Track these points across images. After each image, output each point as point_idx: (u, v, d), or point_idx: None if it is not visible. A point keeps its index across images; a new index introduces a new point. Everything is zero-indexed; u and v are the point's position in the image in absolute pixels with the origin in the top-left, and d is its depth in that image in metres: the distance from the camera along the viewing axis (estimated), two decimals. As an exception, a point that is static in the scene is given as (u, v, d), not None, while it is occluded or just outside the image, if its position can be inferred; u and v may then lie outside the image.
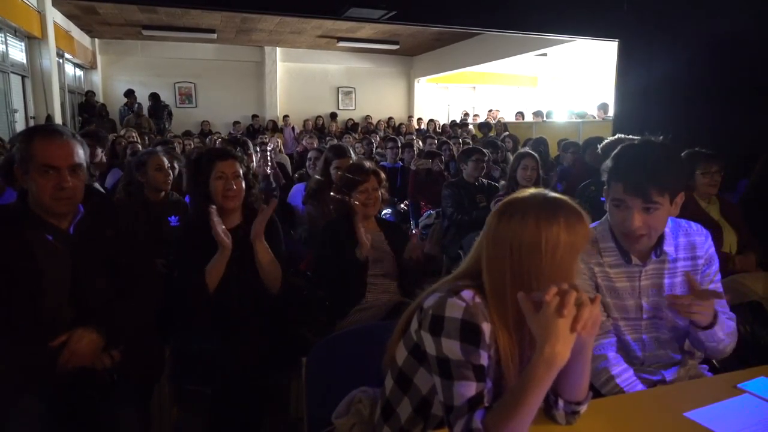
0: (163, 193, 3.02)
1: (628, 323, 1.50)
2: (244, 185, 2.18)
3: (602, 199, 3.46)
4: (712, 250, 1.55)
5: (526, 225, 1.02)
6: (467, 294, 1.05)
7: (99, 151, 4.05)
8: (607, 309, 1.49)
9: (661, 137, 1.55)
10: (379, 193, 2.43)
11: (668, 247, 1.49)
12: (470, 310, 1.03)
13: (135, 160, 3.05)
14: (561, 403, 1.10)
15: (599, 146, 3.46)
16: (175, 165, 3.43)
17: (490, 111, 12.86)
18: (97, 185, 3.49)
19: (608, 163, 1.48)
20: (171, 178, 3.09)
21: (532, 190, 1.10)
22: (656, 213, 1.38)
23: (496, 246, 1.06)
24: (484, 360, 1.03)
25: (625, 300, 1.49)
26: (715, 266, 1.55)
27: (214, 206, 2.00)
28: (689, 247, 1.52)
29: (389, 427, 1.17)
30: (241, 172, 2.17)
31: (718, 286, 1.54)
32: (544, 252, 1.00)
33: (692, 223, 1.56)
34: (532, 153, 3.64)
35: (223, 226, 2.00)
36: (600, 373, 1.43)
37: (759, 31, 4.33)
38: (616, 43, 6.02)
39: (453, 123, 12.24)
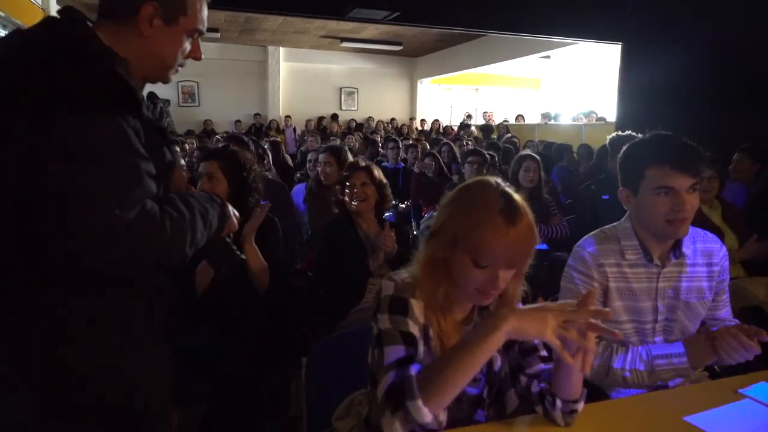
0: None
1: (638, 326, 1.49)
2: (223, 187, 2.09)
3: (604, 197, 3.48)
4: (727, 262, 1.56)
5: (440, 212, 1.13)
6: (398, 274, 1.16)
7: None
8: (614, 312, 1.47)
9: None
10: (372, 189, 2.41)
11: (686, 249, 1.49)
12: (399, 287, 1.12)
13: None
14: (559, 402, 1.11)
15: (607, 140, 3.45)
16: None
17: (485, 113, 12.88)
18: None
19: (639, 153, 1.45)
20: None
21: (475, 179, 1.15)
22: (697, 193, 1.39)
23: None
24: (413, 329, 1.08)
25: (641, 302, 1.48)
26: (728, 276, 1.57)
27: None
28: (706, 253, 1.52)
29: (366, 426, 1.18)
30: (222, 172, 2.10)
31: (726, 293, 1.57)
32: (442, 234, 1.09)
33: (707, 232, 1.56)
34: (533, 155, 3.64)
35: None
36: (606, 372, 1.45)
37: (761, 35, 4.33)
38: (620, 46, 6.02)
39: (462, 125, 12.23)
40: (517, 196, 1.07)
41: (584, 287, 1.46)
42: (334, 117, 13.38)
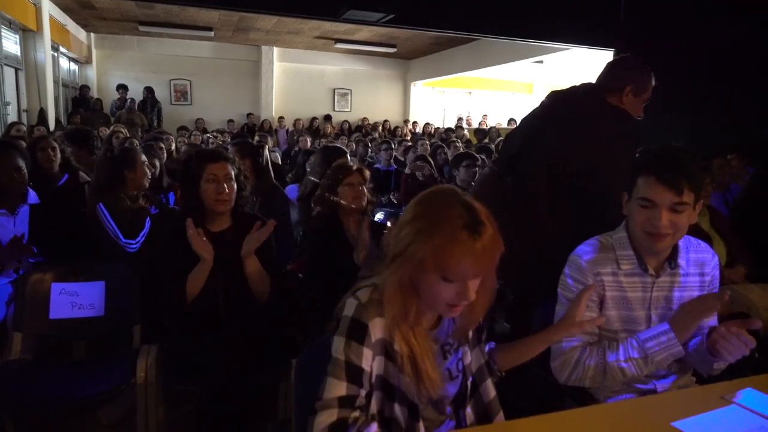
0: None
1: (631, 335, 1.48)
2: (235, 188, 2.11)
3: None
4: (717, 271, 1.56)
5: (401, 232, 1.07)
6: (362, 292, 1.12)
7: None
8: (608, 321, 1.48)
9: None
10: (365, 189, 2.42)
11: (681, 260, 1.49)
12: (360, 307, 1.09)
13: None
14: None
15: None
16: (156, 163, 3.40)
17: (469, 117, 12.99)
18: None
19: (637, 159, 1.47)
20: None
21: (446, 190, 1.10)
22: (683, 214, 1.38)
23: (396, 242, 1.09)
24: (365, 361, 1.07)
25: (635, 311, 1.49)
26: (717, 285, 1.57)
27: (190, 219, 1.93)
28: (698, 264, 1.53)
29: None
30: (233, 174, 2.11)
31: None
32: (407, 257, 1.04)
33: (700, 242, 1.57)
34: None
35: (204, 238, 1.95)
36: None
37: (755, 42, 4.38)
38: (612, 52, 6.06)
39: (447, 129, 12.28)
40: (478, 205, 1.05)
41: None
42: (327, 118, 13.35)
